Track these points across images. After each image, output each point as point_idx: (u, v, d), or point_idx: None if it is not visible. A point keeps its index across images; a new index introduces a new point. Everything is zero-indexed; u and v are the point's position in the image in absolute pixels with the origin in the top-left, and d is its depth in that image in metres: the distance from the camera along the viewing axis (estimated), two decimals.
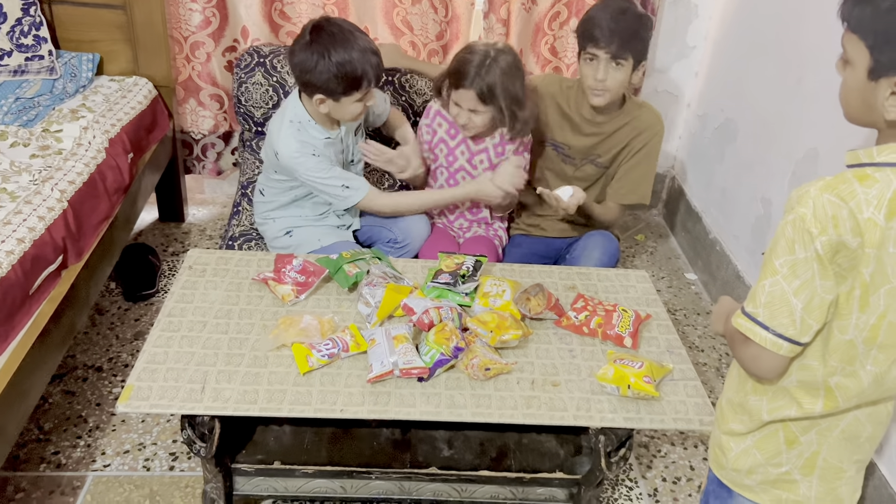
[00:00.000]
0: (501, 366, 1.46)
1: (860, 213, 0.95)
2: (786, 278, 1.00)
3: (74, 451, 1.85)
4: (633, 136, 2.06)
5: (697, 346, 2.46)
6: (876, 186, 0.96)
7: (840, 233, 0.96)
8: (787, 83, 2.29)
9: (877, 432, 1.17)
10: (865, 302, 1.01)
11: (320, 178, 1.89)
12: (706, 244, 2.78)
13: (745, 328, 1.06)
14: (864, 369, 1.06)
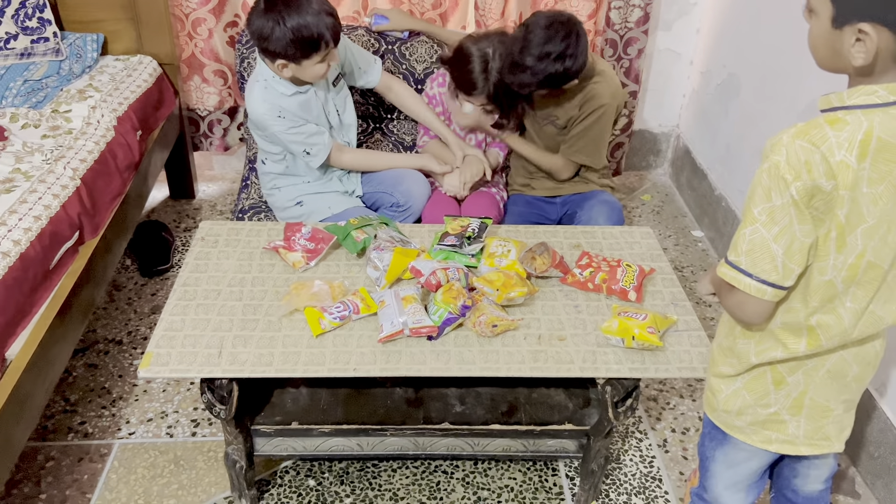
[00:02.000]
0: (508, 322, 1.50)
1: (832, 157, 0.97)
2: (765, 225, 1.02)
3: (100, 421, 1.92)
4: (586, 100, 2.04)
5: (704, 300, 2.49)
6: (847, 129, 0.97)
7: (814, 177, 0.97)
8: (787, 35, 2.28)
9: (864, 373, 1.20)
10: (842, 242, 1.03)
11: (287, 139, 1.93)
12: (712, 201, 2.79)
13: (730, 276, 1.08)
14: (843, 307, 1.09)
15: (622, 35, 2.80)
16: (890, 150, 0.97)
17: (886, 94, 0.97)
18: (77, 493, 1.74)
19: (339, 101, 2.07)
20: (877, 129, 0.97)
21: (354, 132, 2.15)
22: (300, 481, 1.79)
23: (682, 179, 3.11)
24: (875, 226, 1.01)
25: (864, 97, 0.98)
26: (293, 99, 1.91)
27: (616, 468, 1.87)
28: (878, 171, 0.98)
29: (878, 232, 1.02)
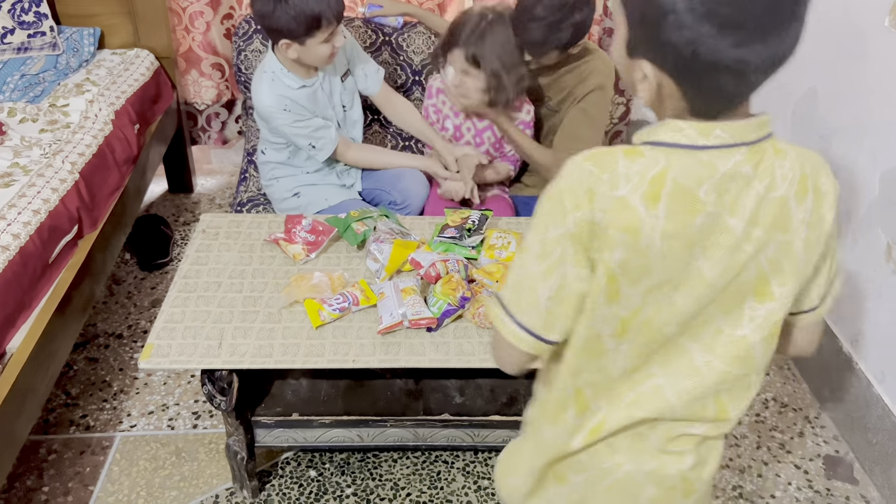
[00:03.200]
0: None
1: (614, 189, 0.80)
2: (536, 258, 0.84)
3: (101, 414, 1.92)
4: (578, 82, 1.97)
5: None
6: (639, 162, 0.80)
7: (593, 208, 0.80)
8: None
9: (664, 498, 0.97)
10: (615, 294, 0.84)
11: (292, 132, 1.92)
12: None
13: (492, 312, 0.90)
14: (614, 365, 0.90)
15: None
16: (687, 198, 0.79)
17: (696, 134, 0.79)
18: (79, 485, 1.75)
19: (346, 97, 2.07)
20: (674, 171, 0.79)
21: (360, 128, 2.15)
22: (301, 472, 1.80)
23: None
24: (659, 284, 0.83)
25: (669, 133, 0.80)
26: (300, 92, 1.90)
27: None
28: (674, 223, 0.79)
29: (662, 290, 0.83)
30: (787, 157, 0.82)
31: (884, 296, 1.80)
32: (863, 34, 1.87)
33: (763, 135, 0.81)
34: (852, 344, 1.93)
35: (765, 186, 0.80)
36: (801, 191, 0.82)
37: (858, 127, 1.89)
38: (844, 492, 1.83)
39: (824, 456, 1.92)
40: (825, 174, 0.85)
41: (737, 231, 0.81)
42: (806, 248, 0.83)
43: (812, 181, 0.83)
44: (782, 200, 0.81)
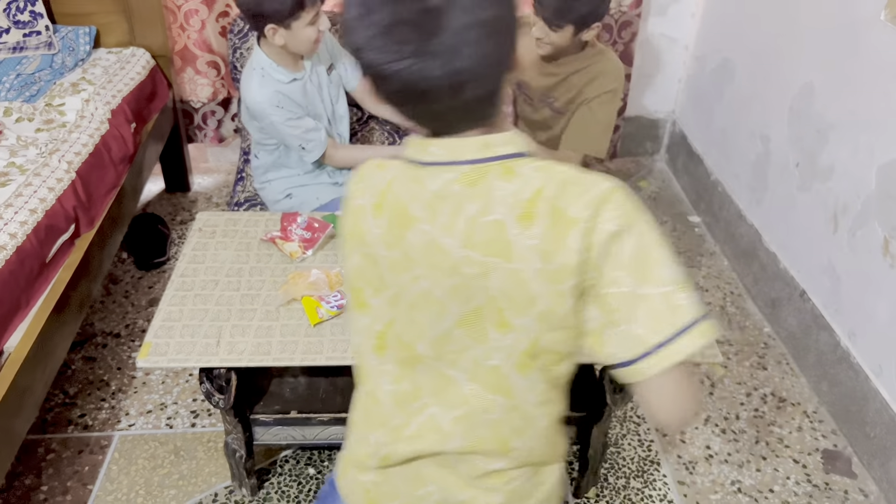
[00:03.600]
0: None
1: (358, 198, 0.83)
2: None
3: (100, 413, 1.92)
4: (587, 82, 1.92)
5: (702, 286, 2.50)
6: (380, 174, 0.83)
7: (345, 215, 0.86)
8: (779, 18, 2.28)
9: None
10: (362, 302, 0.86)
11: (284, 131, 1.92)
12: (708, 186, 2.79)
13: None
14: (381, 389, 0.90)
15: (617, 19, 2.79)
16: (401, 212, 0.79)
17: (415, 150, 0.80)
18: (78, 484, 1.75)
19: (332, 90, 2.06)
20: (395, 185, 0.81)
21: (346, 124, 2.15)
22: (300, 470, 1.80)
23: (678, 165, 3.11)
24: (397, 296, 0.83)
25: (408, 148, 0.82)
26: (291, 86, 1.90)
27: (615, 452, 1.88)
28: (392, 235, 0.80)
29: (400, 305, 0.83)
30: (513, 181, 0.76)
31: (881, 290, 1.80)
32: (858, 28, 1.87)
33: (489, 155, 0.77)
34: (850, 338, 1.93)
35: (477, 209, 0.76)
36: (527, 216, 0.74)
37: (855, 121, 1.89)
38: (843, 486, 1.83)
39: (822, 450, 1.92)
40: (583, 203, 0.74)
41: (452, 253, 0.77)
42: (546, 280, 0.75)
43: (552, 206, 0.74)
44: (498, 224, 0.75)
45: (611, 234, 0.73)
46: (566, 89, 1.97)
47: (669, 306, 0.73)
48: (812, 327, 2.08)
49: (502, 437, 0.86)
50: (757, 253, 2.40)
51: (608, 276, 0.74)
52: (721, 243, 2.68)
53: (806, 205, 2.12)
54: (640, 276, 0.73)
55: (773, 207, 2.33)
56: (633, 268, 0.73)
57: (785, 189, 2.24)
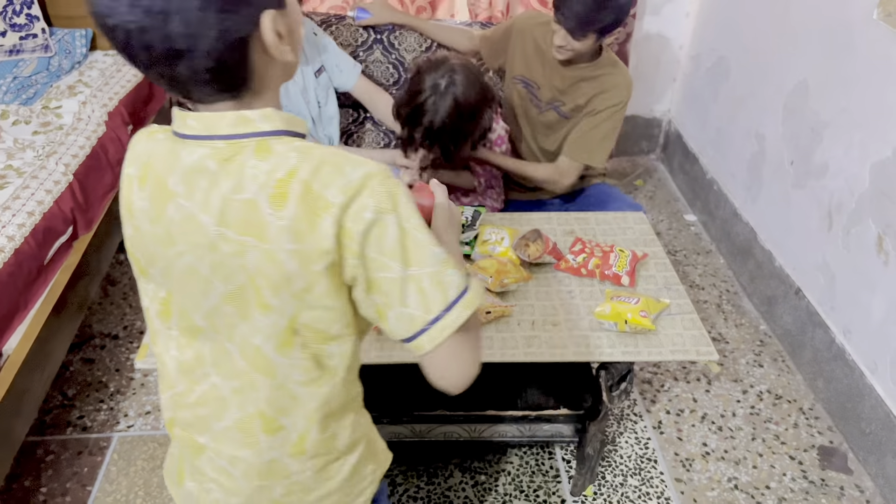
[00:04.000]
0: (502, 308, 1.51)
1: (127, 167, 0.83)
2: None
3: (98, 415, 1.93)
4: (597, 93, 1.93)
5: (698, 284, 2.51)
6: (148, 144, 0.82)
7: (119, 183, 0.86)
8: (773, 17, 2.29)
9: None
10: (141, 269, 0.86)
11: None
12: (704, 184, 2.80)
13: None
14: (168, 353, 0.89)
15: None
16: (161, 185, 0.78)
17: (176, 122, 0.80)
18: (77, 485, 1.75)
19: (321, 93, 2.07)
20: (154, 158, 0.80)
21: (336, 125, 2.15)
22: None
23: (674, 164, 3.12)
24: (167, 269, 0.82)
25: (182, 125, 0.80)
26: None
27: (612, 450, 1.89)
28: (154, 209, 0.79)
29: (173, 276, 0.82)
30: (268, 159, 0.75)
31: (875, 287, 1.82)
32: (852, 27, 1.88)
33: (244, 131, 0.75)
34: (845, 335, 1.94)
35: (230, 186, 0.75)
36: (279, 196, 0.73)
37: (848, 119, 1.90)
38: (839, 482, 1.84)
39: (819, 447, 1.93)
40: (338, 187, 0.73)
41: (209, 229, 0.76)
42: (299, 261, 0.75)
43: (306, 188, 0.73)
44: (250, 203, 0.74)
45: (369, 222, 0.74)
46: (575, 95, 1.98)
47: (436, 284, 0.78)
48: (807, 325, 2.09)
49: (270, 414, 0.87)
50: (752, 251, 2.41)
51: (375, 262, 0.76)
52: (717, 241, 2.69)
53: (801, 203, 2.13)
54: (406, 260, 0.76)
55: (768, 205, 2.34)
56: (397, 253, 0.76)
57: (780, 187, 2.25)
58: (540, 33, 2.05)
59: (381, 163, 0.77)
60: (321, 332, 0.82)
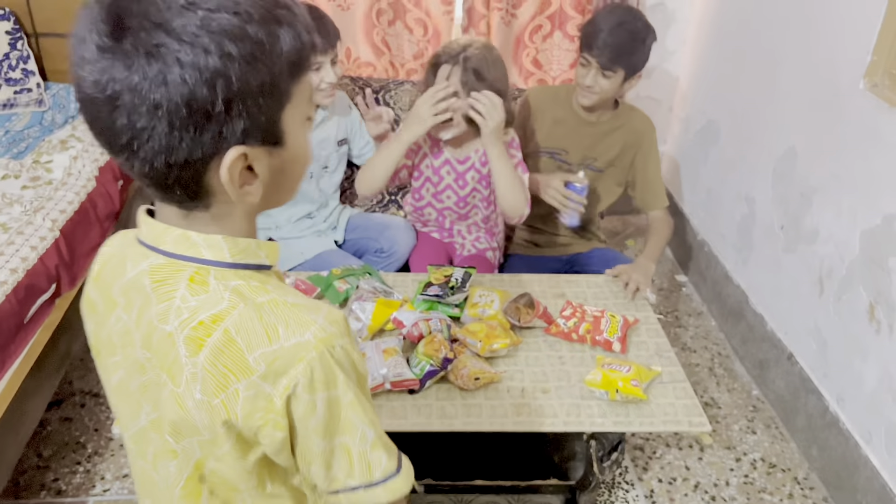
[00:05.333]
0: (491, 375, 1.48)
1: (94, 262, 0.79)
2: None
3: (74, 477, 1.86)
4: (628, 140, 2.05)
5: (690, 346, 2.48)
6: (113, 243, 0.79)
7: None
8: (762, 84, 2.33)
9: None
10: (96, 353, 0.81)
11: None
12: (694, 245, 2.81)
13: None
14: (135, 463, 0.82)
15: None
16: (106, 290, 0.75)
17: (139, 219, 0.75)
18: None
19: (333, 159, 2.10)
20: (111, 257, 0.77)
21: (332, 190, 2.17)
22: None
23: None
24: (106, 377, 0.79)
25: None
26: None
27: None
28: (103, 312, 0.76)
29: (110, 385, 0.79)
30: (199, 294, 0.67)
31: (868, 355, 1.80)
32: (840, 95, 1.91)
33: (187, 254, 0.67)
34: (839, 403, 1.91)
35: (158, 313, 0.68)
36: (196, 340, 0.66)
37: (838, 186, 1.92)
38: None
39: None
40: (266, 353, 0.65)
41: (138, 351, 0.70)
42: (208, 413, 0.67)
43: (228, 340, 0.66)
44: (170, 338, 0.67)
45: (294, 398, 0.66)
46: (607, 147, 2.06)
47: (361, 460, 0.72)
48: (800, 391, 2.06)
49: None
50: (744, 314, 2.39)
51: (301, 434, 0.69)
52: (708, 303, 2.68)
53: (792, 267, 2.13)
54: (332, 433, 0.70)
55: (759, 269, 2.34)
56: (323, 430, 0.69)
57: (771, 251, 2.25)
58: (555, 104, 2.12)
59: (338, 318, 0.69)
60: (229, 483, 0.73)
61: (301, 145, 0.70)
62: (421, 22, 2.64)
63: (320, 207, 2.14)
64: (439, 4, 2.61)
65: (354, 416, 0.70)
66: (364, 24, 2.64)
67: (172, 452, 0.72)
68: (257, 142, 0.65)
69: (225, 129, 0.61)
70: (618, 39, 1.85)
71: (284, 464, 0.72)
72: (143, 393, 0.72)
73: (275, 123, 0.65)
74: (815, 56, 2.03)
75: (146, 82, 0.58)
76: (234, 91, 0.60)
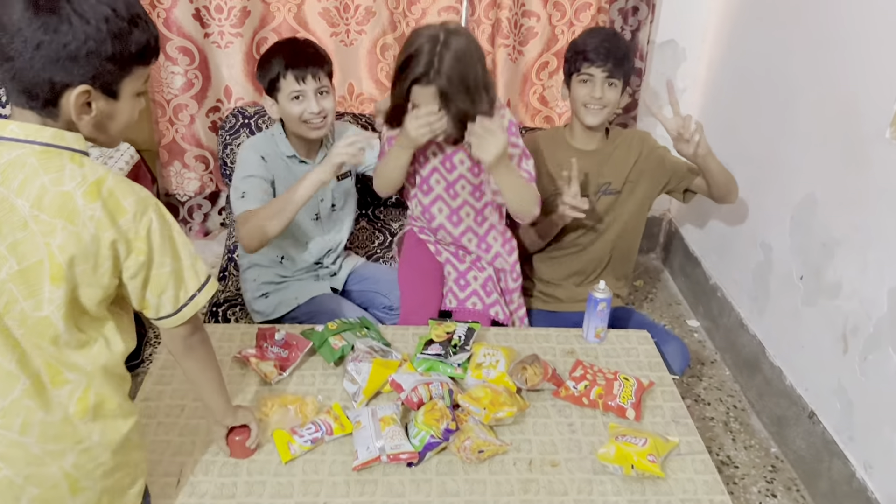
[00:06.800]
0: (496, 447, 1.38)
1: None
2: None
3: None
4: (631, 153, 2.08)
5: (703, 398, 2.37)
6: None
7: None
8: (778, 126, 2.24)
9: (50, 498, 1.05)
10: None
11: (238, 174, 1.82)
12: (707, 290, 2.70)
13: None
14: None
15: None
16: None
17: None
18: None
19: (338, 195, 2.00)
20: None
21: (346, 232, 2.07)
22: None
23: (674, 265, 3.03)
24: None
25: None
26: (285, 161, 1.88)
27: None
28: None
29: None
30: (84, 167, 1.00)
31: None
32: (864, 144, 1.82)
33: (63, 144, 0.99)
34: (866, 470, 1.79)
35: (51, 179, 0.98)
36: (91, 193, 0.99)
37: (863, 238, 1.82)
38: None
39: None
40: (133, 199, 1.02)
41: (23, 210, 0.97)
42: (97, 244, 1.00)
43: (111, 192, 1.00)
44: (67, 195, 0.98)
45: (151, 230, 1.05)
46: (614, 167, 2.08)
47: (193, 272, 1.13)
48: (823, 453, 1.94)
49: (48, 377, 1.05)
50: (760, 365, 2.28)
51: (156, 261, 1.07)
52: (722, 351, 2.57)
53: (812, 321, 2.02)
54: (175, 257, 1.09)
55: (776, 319, 2.23)
56: (171, 253, 1.08)
57: (789, 301, 2.14)
58: (553, 145, 2.10)
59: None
60: (91, 306, 1.04)
61: (128, 108, 1.07)
62: None
63: (329, 252, 2.05)
64: None
65: (182, 239, 1.11)
66: (368, 59, 2.57)
67: (59, 279, 1.00)
68: (99, 89, 1.00)
69: (82, 70, 0.98)
70: (613, 47, 1.92)
71: (133, 292, 1.08)
72: (12, 250, 0.98)
73: (115, 83, 1.02)
74: (836, 101, 1.95)
75: (43, 27, 0.95)
76: (93, 49, 0.97)
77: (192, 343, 1.20)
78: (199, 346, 1.23)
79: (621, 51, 1.93)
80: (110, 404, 1.10)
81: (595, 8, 2.55)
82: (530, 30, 2.57)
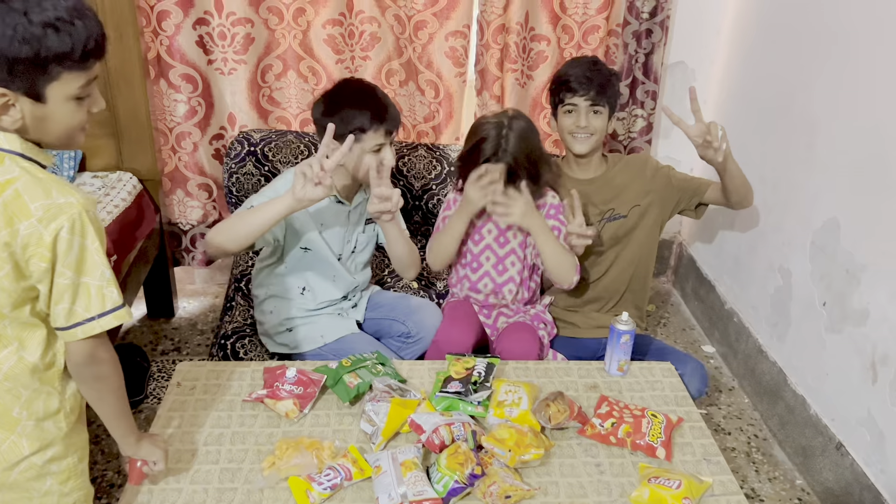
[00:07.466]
0: (523, 492, 1.31)
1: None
2: None
3: None
4: (633, 176, 2.07)
5: (724, 427, 2.30)
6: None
7: None
8: (796, 149, 2.20)
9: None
10: None
11: (263, 188, 1.83)
12: (722, 315, 2.65)
13: None
14: None
15: (626, 145, 2.74)
16: None
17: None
18: None
19: (361, 240, 1.97)
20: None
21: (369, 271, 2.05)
22: None
23: (687, 289, 2.98)
24: None
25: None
26: (327, 202, 1.81)
27: None
28: None
29: None
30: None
31: None
32: (889, 168, 1.77)
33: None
34: None
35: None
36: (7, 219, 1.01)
37: (890, 264, 1.77)
38: None
39: None
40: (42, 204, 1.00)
41: None
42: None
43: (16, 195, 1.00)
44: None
45: (58, 238, 1.02)
46: (616, 192, 2.06)
47: (99, 295, 1.07)
48: (854, 486, 1.88)
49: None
50: (782, 394, 2.22)
51: (57, 269, 1.04)
52: (740, 378, 2.51)
53: (837, 349, 1.97)
54: (80, 272, 1.05)
55: (798, 347, 2.17)
56: (75, 266, 1.05)
57: (811, 329, 2.09)
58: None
59: (93, 199, 1.07)
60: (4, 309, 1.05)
61: (61, 112, 1.05)
62: (432, 83, 2.53)
63: (356, 288, 2.01)
64: (451, 66, 2.50)
65: (98, 259, 1.06)
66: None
67: None
68: (20, 92, 1.00)
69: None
70: (595, 75, 1.94)
71: (42, 298, 1.06)
72: None
73: (38, 87, 1.01)
74: (858, 124, 1.91)
75: None
76: (3, 53, 0.97)
77: (82, 372, 1.14)
78: (92, 379, 1.17)
79: (604, 78, 1.95)
80: (6, 417, 1.09)
81: (604, 31, 2.52)
82: (540, 54, 2.53)
